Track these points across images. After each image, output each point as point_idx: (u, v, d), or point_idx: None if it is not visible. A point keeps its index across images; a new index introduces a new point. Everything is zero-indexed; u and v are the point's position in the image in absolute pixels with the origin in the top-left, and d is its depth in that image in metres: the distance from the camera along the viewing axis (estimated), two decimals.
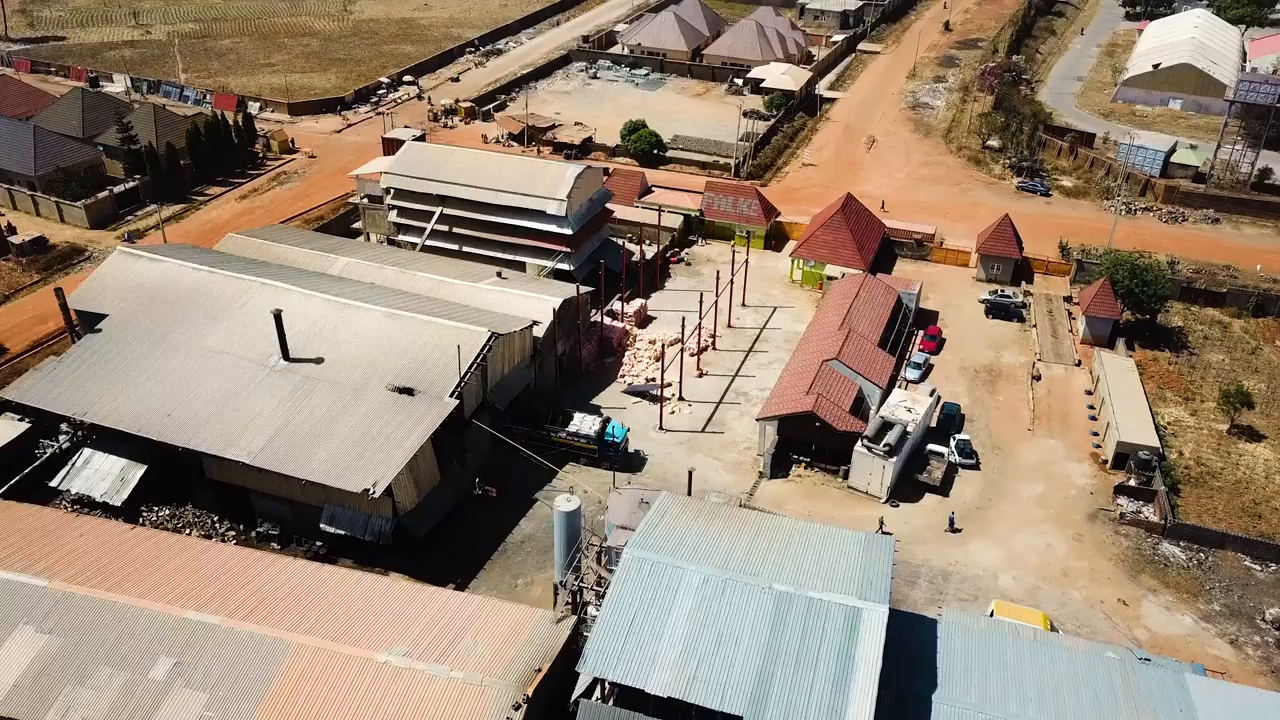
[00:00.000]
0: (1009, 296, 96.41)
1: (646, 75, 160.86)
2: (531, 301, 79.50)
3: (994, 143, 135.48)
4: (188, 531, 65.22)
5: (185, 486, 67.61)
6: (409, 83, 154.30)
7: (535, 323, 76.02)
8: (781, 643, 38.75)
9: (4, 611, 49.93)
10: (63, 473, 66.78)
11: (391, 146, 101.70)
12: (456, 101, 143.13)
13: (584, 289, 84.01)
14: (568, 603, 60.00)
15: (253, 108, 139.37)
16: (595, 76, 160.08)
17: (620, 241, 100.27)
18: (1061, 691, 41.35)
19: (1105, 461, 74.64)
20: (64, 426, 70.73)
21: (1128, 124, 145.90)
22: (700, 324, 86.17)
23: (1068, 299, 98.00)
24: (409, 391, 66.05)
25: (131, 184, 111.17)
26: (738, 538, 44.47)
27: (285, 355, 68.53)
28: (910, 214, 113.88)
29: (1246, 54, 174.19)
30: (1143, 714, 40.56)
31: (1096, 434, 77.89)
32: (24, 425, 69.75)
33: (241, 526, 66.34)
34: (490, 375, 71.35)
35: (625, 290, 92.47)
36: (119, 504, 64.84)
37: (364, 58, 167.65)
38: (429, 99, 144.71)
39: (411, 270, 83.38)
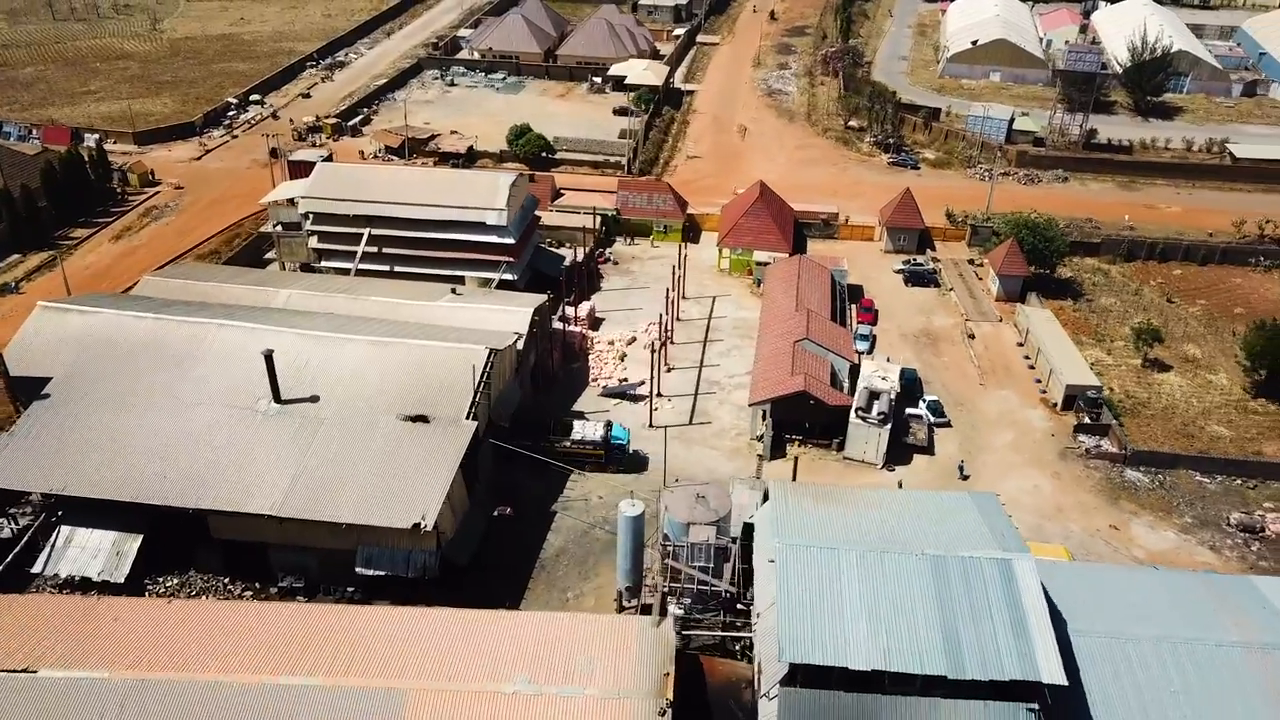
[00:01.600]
0: (922, 264, 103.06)
1: (505, 79, 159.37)
2: (502, 314, 78.25)
3: (854, 123, 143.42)
4: (207, 598, 60.45)
5: (185, 551, 62.54)
6: (257, 102, 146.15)
7: (519, 335, 75.00)
8: (952, 601, 41.08)
9: (73, 717, 45.07)
10: (44, 556, 60.30)
11: (300, 169, 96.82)
12: (320, 118, 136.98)
13: (540, 297, 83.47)
14: (629, 605, 60.47)
15: (90, 140, 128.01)
16: (453, 84, 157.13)
17: (550, 246, 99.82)
18: (1162, 609, 45.82)
19: (1055, 405, 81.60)
20: (24, 504, 64.00)
21: (958, 97, 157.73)
22: (663, 319, 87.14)
23: (971, 261, 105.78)
24: (423, 419, 63.88)
25: None
26: (860, 514, 46.43)
27: (276, 398, 64.59)
28: (800, 196, 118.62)
29: (1039, 28, 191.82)
30: (1234, 613, 45.66)
31: (1039, 381, 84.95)
32: None
33: (258, 584, 62.11)
34: (491, 393, 69.92)
35: (574, 294, 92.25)
36: (121, 580, 59.30)
37: (195, 79, 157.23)
38: (291, 119, 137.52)
39: (364, 296, 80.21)
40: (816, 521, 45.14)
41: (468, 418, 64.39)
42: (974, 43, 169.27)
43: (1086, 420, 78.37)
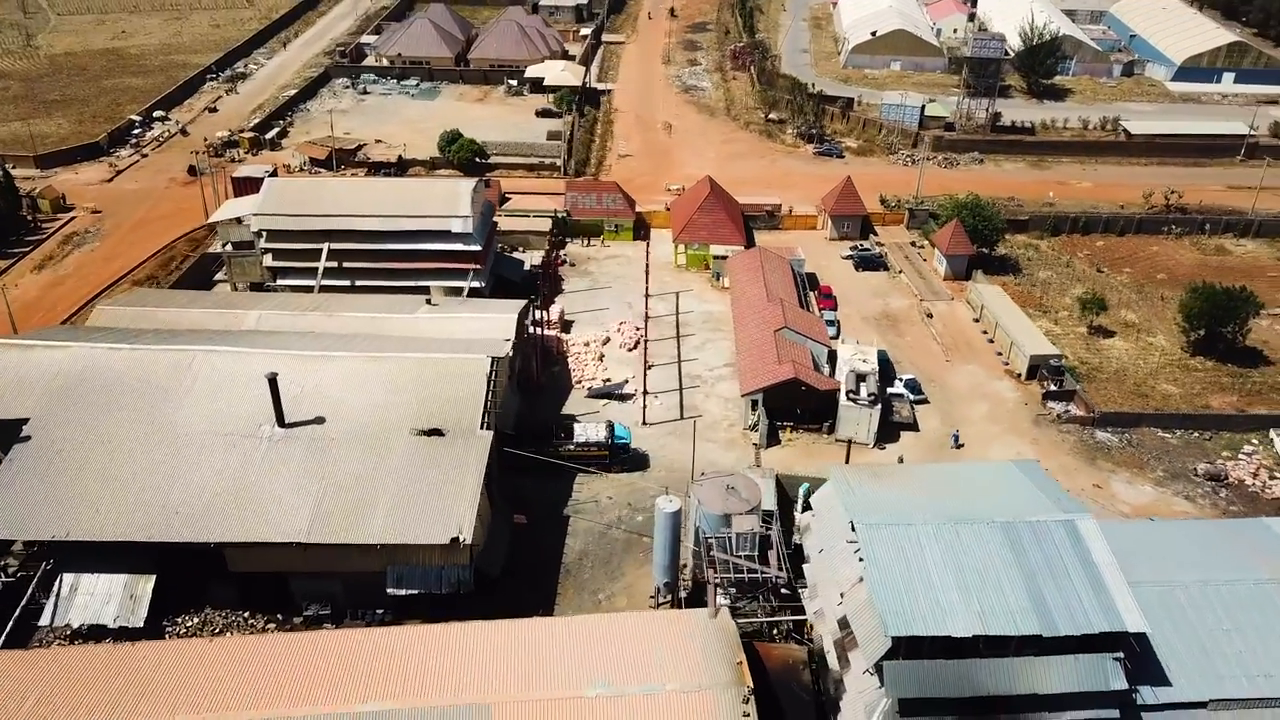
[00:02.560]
0: (869, 249, 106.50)
1: (418, 85, 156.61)
2: (486, 322, 77.29)
3: (774, 115, 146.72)
4: (232, 634, 58.00)
5: (198, 588, 59.84)
6: (162, 119, 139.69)
7: (510, 340, 74.34)
8: (1030, 564, 43.12)
9: None
10: (49, 607, 56.76)
11: (244, 186, 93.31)
12: (234, 132, 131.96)
13: (519, 303, 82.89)
14: (666, 600, 61.01)
15: None
16: (365, 92, 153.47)
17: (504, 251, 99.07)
18: (1195, 555, 49.04)
19: (1020, 375, 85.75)
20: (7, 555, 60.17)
21: (864, 86, 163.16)
22: (647, 317, 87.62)
23: (913, 244, 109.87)
24: (438, 432, 62.82)
25: None
26: (918, 490, 48.17)
27: (280, 422, 62.44)
28: (735, 189, 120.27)
29: (928, 17, 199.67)
30: (1259, 553, 49.29)
31: (1000, 354, 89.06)
32: None
33: (279, 616, 59.92)
34: (497, 401, 69.17)
35: (544, 298, 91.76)
36: (140, 624, 56.37)
37: (86, 96, 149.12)
38: (205, 137, 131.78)
39: (339, 312, 78.05)
40: (882, 500, 46.68)
41: (483, 427, 63.60)
42: (874, 34, 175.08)
43: (1052, 388, 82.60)
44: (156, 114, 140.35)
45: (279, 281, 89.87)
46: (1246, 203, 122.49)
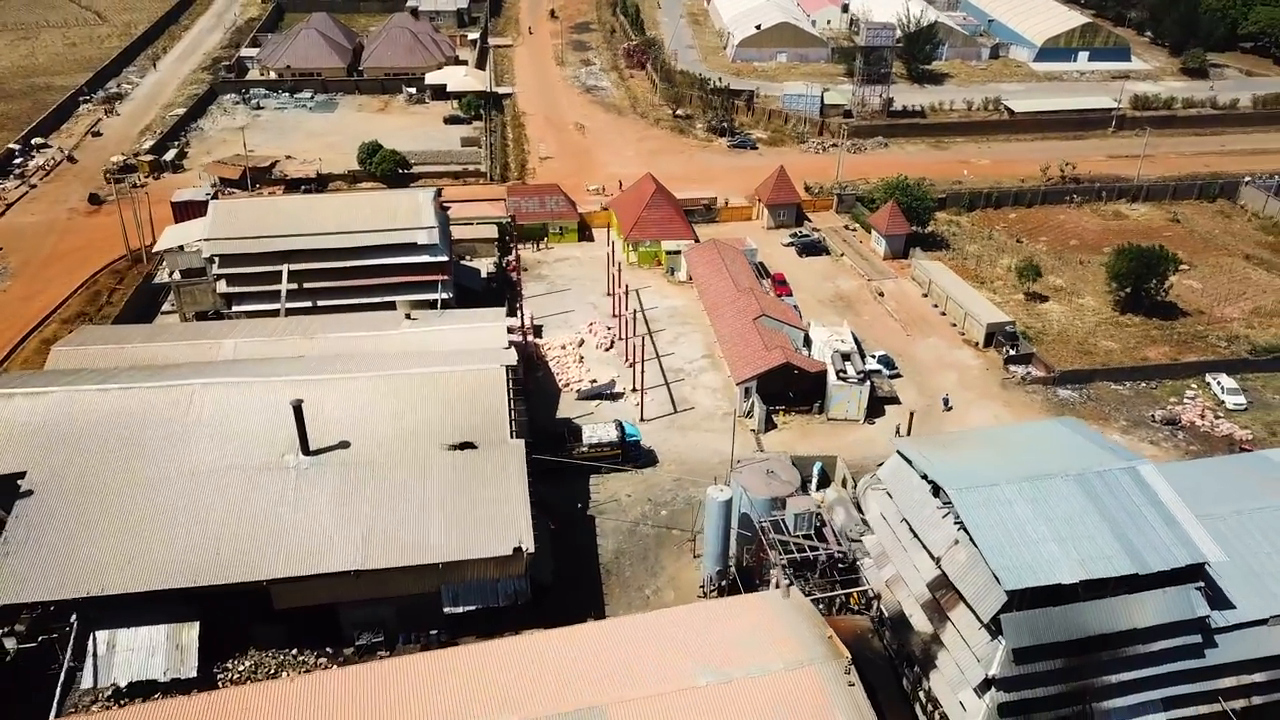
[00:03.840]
0: (808, 235, 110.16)
1: (313, 97, 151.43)
2: (474, 333, 76.40)
3: (682, 111, 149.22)
4: (288, 674, 55.70)
5: (240, 630, 57.18)
6: (42, 146, 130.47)
7: (512, 348, 73.76)
8: (1108, 510, 46.36)
9: None
10: (88, 668, 53.10)
11: (186, 211, 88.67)
12: (131, 156, 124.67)
13: (500, 310, 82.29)
14: (713, 590, 62.22)
15: None
16: (259, 107, 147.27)
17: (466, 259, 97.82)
18: (1220, 489, 53.58)
19: (977, 343, 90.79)
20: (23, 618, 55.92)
21: (756, 79, 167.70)
22: (637, 314, 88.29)
23: (846, 227, 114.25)
24: (470, 445, 62.00)
25: None
26: (982, 453, 50.91)
27: (305, 449, 60.29)
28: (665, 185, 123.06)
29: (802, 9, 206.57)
30: (1270, 482, 54.53)
31: (955, 325, 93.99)
32: None
33: (329, 649, 57.88)
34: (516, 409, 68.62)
35: (516, 305, 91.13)
36: (193, 674, 53.46)
37: None
38: (107, 166, 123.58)
39: (318, 334, 75.55)
40: (958, 466, 49.20)
41: (514, 436, 63.12)
42: (759, 27, 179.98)
43: (1011, 352, 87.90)
44: (35, 141, 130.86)
45: (234, 308, 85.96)
46: (1125, 170, 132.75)
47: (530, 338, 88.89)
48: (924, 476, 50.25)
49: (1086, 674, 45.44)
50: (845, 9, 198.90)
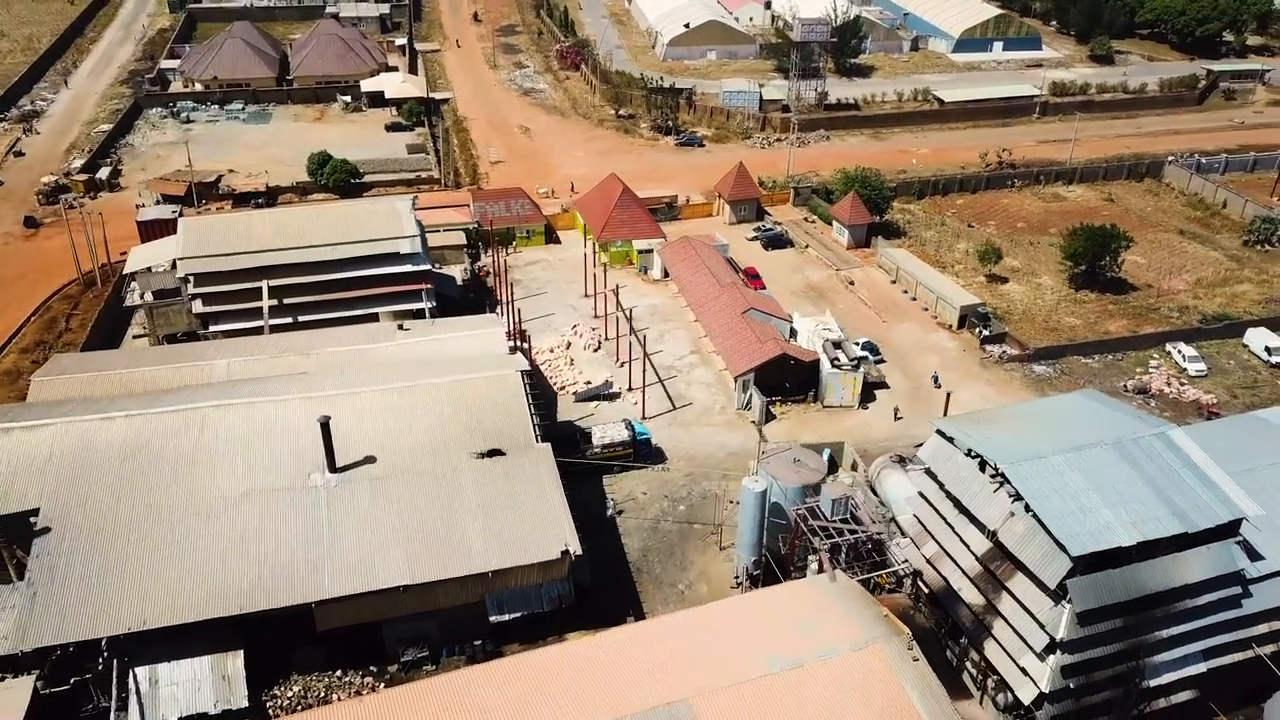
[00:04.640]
0: (772, 229, 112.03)
1: (245, 108, 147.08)
2: (472, 340, 75.63)
3: (624, 111, 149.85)
4: (338, 697, 54.50)
5: (281, 656, 55.70)
6: None
7: (518, 353, 73.38)
8: (1149, 474, 48.76)
9: None
10: (133, 706, 51.10)
11: (152, 230, 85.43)
12: (63, 175, 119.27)
13: (492, 316, 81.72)
14: (753, 577, 63.08)
15: None
16: (190, 120, 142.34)
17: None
18: (1231, 448, 56.39)
19: (951, 326, 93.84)
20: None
21: (690, 77, 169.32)
22: (608, 317, 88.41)
23: (805, 219, 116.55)
24: (499, 452, 61.60)
25: None
26: (1022, 428, 52.92)
27: (332, 467, 59.07)
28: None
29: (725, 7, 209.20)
30: (1272, 441, 58.14)
31: (927, 309, 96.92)
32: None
33: (373, 668, 56.85)
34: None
35: (502, 310, 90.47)
36: (244, 704, 51.90)
37: None
38: (39, 187, 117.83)
39: (313, 349, 73.81)
40: (1002, 442, 51.11)
41: (540, 440, 62.94)
42: (687, 26, 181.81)
43: (986, 333, 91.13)
44: None
45: (210, 328, 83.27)
46: (1057, 154, 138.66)
47: (521, 343, 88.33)
48: (968, 453, 52.01)
49: (1140, 631, 47.86)
50: (768, 5, 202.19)
